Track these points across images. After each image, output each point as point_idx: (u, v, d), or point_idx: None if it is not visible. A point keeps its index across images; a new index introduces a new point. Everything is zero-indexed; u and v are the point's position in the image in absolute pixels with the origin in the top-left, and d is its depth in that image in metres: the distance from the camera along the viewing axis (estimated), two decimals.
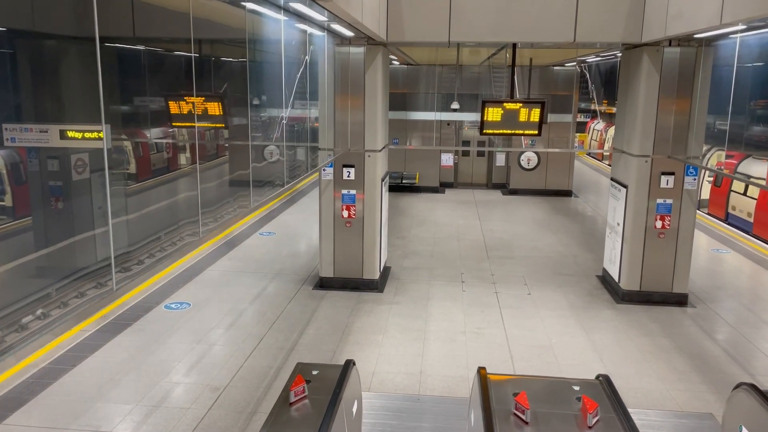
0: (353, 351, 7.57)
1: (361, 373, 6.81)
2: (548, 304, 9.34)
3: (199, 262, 11.05)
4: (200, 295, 9.37)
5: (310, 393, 4.80)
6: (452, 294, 9.70)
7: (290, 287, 9.85)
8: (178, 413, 6.06)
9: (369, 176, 9.52)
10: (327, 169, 9.49)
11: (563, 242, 13.08)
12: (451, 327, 8.39)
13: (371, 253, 9.75)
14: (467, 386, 6.72)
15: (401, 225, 14.31)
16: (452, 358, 7.45)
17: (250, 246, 12.31)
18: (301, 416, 4.60)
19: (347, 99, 9.27)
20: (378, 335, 8.08)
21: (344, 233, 9.73)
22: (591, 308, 9.25)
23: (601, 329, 8.46)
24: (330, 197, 9.64)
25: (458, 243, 12.83)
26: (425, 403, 6.40)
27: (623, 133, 9.64)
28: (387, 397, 6.50)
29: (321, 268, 9.93)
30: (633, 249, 9.35)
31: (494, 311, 9.02)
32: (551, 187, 18.57)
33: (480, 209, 16.33)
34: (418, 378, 6.94)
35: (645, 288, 9.43)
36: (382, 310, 8.96)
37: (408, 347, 7.73)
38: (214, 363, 7.16)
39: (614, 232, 9.87)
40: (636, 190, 9.21)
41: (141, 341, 7.67)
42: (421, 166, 18.86)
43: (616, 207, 9.82)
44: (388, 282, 10.24)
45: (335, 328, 8.30)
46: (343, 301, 9.32)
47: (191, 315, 8.58)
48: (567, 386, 5.00)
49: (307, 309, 8.94)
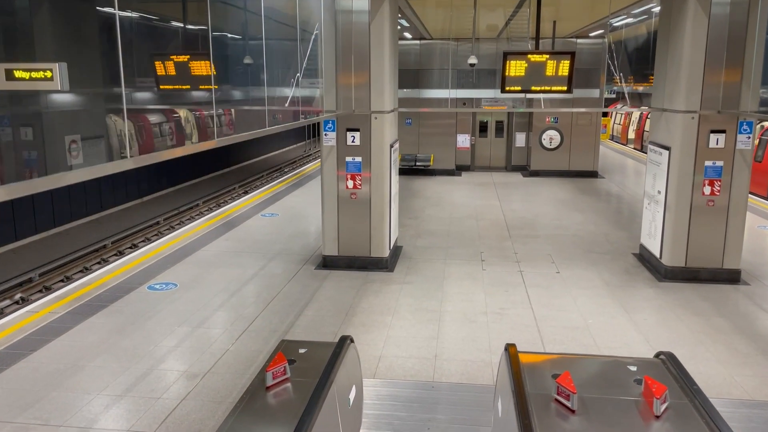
0: (357, 333, 6.55)
1: (366, 357, 5.79)
2: (580, 282, 8.24)
3: (192, 242, 10.09)
4: (189, 276, 8.41)
5: (293, 375, 3.79)
6: (471, 273, 8.64)
7: (290, 267, 8.85)
8: (144, 404, 5.08)
9: (376, 141, 8.49)
10: (328, 133, 8.47)
11: (592, 221, 11.94)
12: (470, 307, 7.33)
13: (380, 229, 8.71)
14: (490, 372, 5.67)
15: (414, 206, 13.26)
16: (472, 341, 6.40)
17: (250, 227, 11.34)
18: (279, 403, 3.58)
19: (350, 54, 8.24)
20: (386, 316, 7.05)
21: (349, 206, 8.71)
22: (629, 287, 8.13)
23: (644, 309, 7.35)
24: (332, 165, 8.62)
25: (477, 222, 11.75)
26: (441, 391, 5.36)
27: (664, 89, 8.49)
28: (395, 385, 5.47)
29: (324, 246, 8.92)
30: (677, 220, 8.21)
31: (519, 290, 7.94)
32: (575, 168, 17.39)
33: (499, 190, 15.23)
34: (432, 363, 5.90)
35: (691, 264, 8.28)
36: (391, 290, 7.92)
37: (421, 329, 6.69)
38: (196, 347, 6.18)
39: (654, 202, 8.73)
40: (680, 151, 8.07)
41: (115, 324, 6.71)
42: (436, 149, 17.78)
43: (656, 173, 8.68)
44: (399, 261, 9.20)
45: (338, 309, 7.29)
46: (348, 281, 8.30)
47: (177, 296, 7.61)
48: (620, 366, 3.94)
49: (307, 289, 7.94)
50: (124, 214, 16.25)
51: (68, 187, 14.45)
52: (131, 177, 17.24)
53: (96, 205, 15.67)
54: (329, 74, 8.27)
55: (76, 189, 14.72)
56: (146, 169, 17.90)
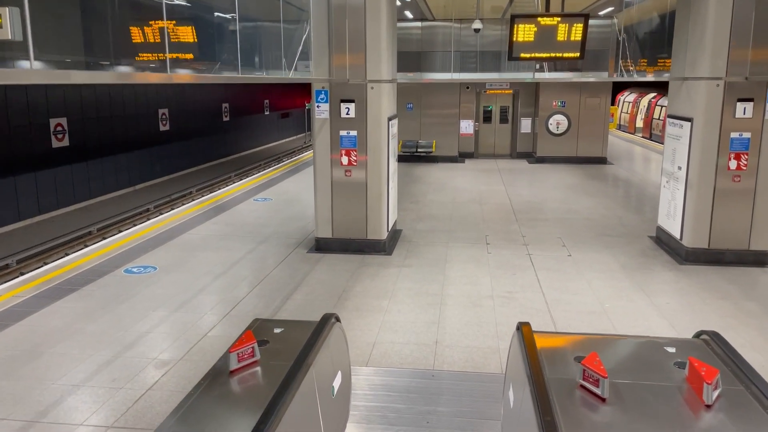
0: (350, 318, 5.92)
1: (359, 343, 5.16)
2: (594, 266, 7.59)
3: (178, 226, 9.47)
4: (171, 259, 7.79)
5: (264, 358, 3.16)
6: (475, 256, 7.99)
7: (281, 251, 8.22)
8: (104, 395, 4.46)
9: (373, 113, 7.84)
10: (321, 105, 7.82)
11: (603, 205, 11.28)
12: (474, 291, 6.70)
13: (377, 209, 8.07)
14: (498, 359, 5.03)
15: (415, 191, 12.62)
16: (477, 326, 5.76)
17: (241, 211, 10.71)
18: (243, 390, 2.95)
19: (344, 17, 7.58)
20: (383, 300, 6.42)
21: (344, 185, 8.07)
22: (648, 270, 7.48)
23: (666, 292, 6.70)
24: (326, 140, 7.97)
25: (481, 207, 11.10)
26: (442, 380, 4.72)
27: (685, 56, 7.81)
28: (391, 373, 4.83)
29: (317, 228, 8.28)
30: (700, 197, 7.55)
31: (528, 274, 7.30)
32: (583, 154, 16.71)
33: (504, 176, 14.57)
34: (432, 349, 5.26)
35: (715, 245, 7.62)
36: (389, 274, 7.29)
37: (420, 314, 6.06)
38: (169, 333, 5.56)
39: (673, 179, 8.07)
40: (704, 122, 7.41)
41: (84, 308, 6.09)
42: (438, 135, 17.12)
43: (675, 148, 8.01)
44: (397, 245, 8.57)
45: (330, 292, 6.66)
46: (342, 264, 7.67)
47: (155, 279, 6.99)
48: (655, 347, 3.30)
49: (297, 273, 7.31)
50: (114, 202, 15.64)
51: (54, 175, 13.87)
52: (122, 165, 16.64)
53: (84, 193, 15.06)
54: (320, 38, 7.62)
55: (62, 177, 14.13)
56: (138, 158, 17.31)
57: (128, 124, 16.84)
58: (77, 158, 14.66)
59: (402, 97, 16.88)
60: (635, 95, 26.29)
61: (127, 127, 16.78)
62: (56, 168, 13.92)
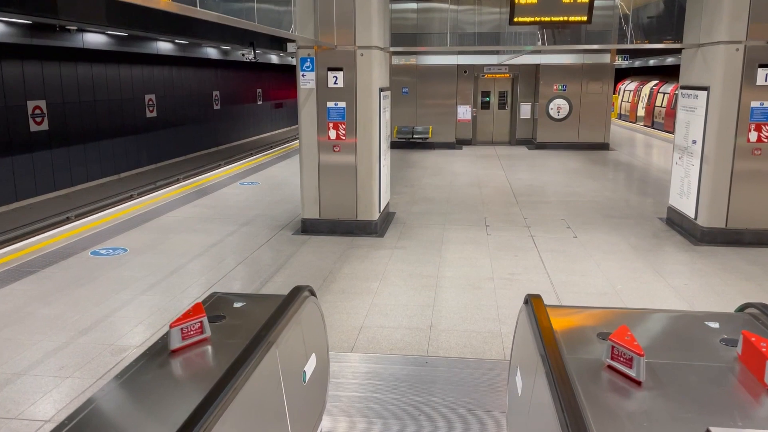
0: (335, 301, 5.33)
1: (344, 328, 4.58)
2: (602, 247, 7.01)
3: (156, 209, 8.86)
4: (143, 241, 7.18)
5: (217, 335, 2.58)
6: (474, 238, 7.41)
7: (264, 233, 7.63)
8: (47, 384, 3.86)
9: (363, 83, 7.24)
10: (306, 73, 7.21)
11: (608, 188, 10.70)
12: (474, 273, 6.11)
13: (367, 187, 7.48)
14: (500, 344, 4.45)
15: (411, 176, 12.02)
16: (477, 309, 5.17)
17: (226, 194, 10.11)
18: (185, 374, 2.36)
19: None
20: (372, 282, 5.83)
21: (332, 161, 7.47)
22: (661, 251, 6.90)
23: (682, 273, 6.12)
24: (311, 113, 7.37)
25: (480, 190, 10.51)
26: (437, 367, 4.14)
27: (700, 22, 7.22)
28: (378, 360, 4.25)
29: (303, 209, 7.69)
30: (717, 173, 6.97)
31: (531, 255, 6.71)
32: (585, 140, 16.12)
33: (503, 161, 13.97)
34: (426, 334, 4.67)
35: (733, 225, 7.05)
36: (380, 256, 6.70)
37: (413, 296, 5.47)
38: (132, 317, 4.96)
39: (687, 154, 7.49)
40: (722, 91, 6.82)
41: (40, 291, 5.49)
42: (435, 121, 16.52)
43: (690, 121, 7.43)
44: (390, 227, 7.98)
45: (314, 274, 6.06)
46: (329, 246, 7.08)
47: (123, 261, 6.39)
48: (695, 322, 2.73)
49: (280, 255, 6.72)
50: (98, 191, 15.01)
51: (32, 160, 13.24)
52: (106, 152, 16.01)
53: (65, 180, 14.43)
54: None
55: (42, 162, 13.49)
56: (123, 145, 16.67)
57: (113, 109, 16.20)
58: (57, 143, 14.03)
59: (397, 81, 16.29)
60: (636, 83, 25.72)
61: (111, 112, 16.14)
62: (35, 153, 13.29)
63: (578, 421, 1.89)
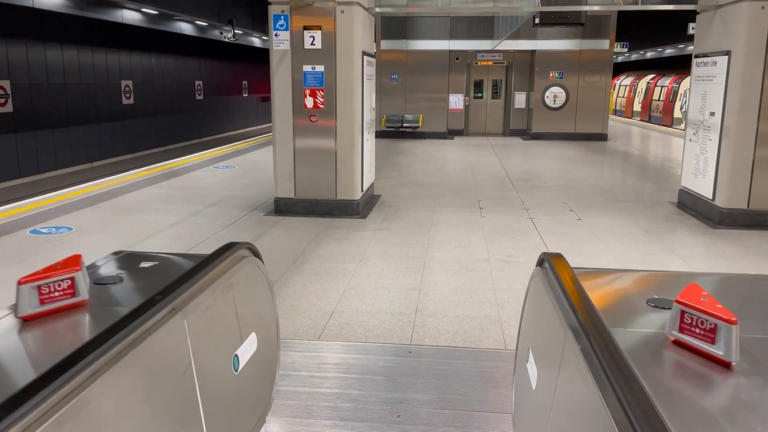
0: (304, 283, 4.53)
1: (311, 312, 3.79)
2: (611, 229, 6.26)
3: (116, 189, 8.02)
4: (93, 220, 6.35)
5: (99, 300, 1.78)
6: (467, 220, 6.63)
7: (232, 213, 6.82)
8: None
9: (343, 45, 6.45)
10: (279, 33, 6.41)
11: (609, 174, 9.99)
12: (467, 254, 5.33)
13: (348, 163, 6.69)
14: (499, 331, 3.67)
15: (399, 162, 11.24)
16: (471, 292, 4.39)
17: (196, 176, 9.28)
18: (34, 357, 1.55)
19: None
20: (350, 263, 5.03)
21: (309, 133, 6.67)
22: (677, 234, 6.16)
23: (705, 256, 5.37)
24: (286, 78, 6.57)
25: (473, 175, 9.74)
26: (422, 357, 3.34)
27: None
28: (351, 349, 3.45)
29: (276, 187, 6.88)
30: (738, 147, 6.24)
31: (531, 237, 5.95)
32: (582, 130, 15.40)
33: (498, 150, 13.22)
34: (410, 319, 3.88)
35: (755, 206, 6.31)
36: (361, 237, 5.91)
37: (397, 278, 4.68)
38: None
39: (703, 128, 6.75)
40: (745, 54, 6.09)
41: None
42: (426, 110, 15.75)
43: (707, 91, 6.70)
44: (375, 209, 7.19)
45: (283, 255, 5.26)
46: (304, 226, 6.28)
47: (65, 240, 5.56)
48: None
49: (246, 235, 5.91)
50: (67, 179, 14.09)
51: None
52: (78, 139, 15.10)
53: (32, 167, 13.52)
54: None
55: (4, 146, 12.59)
56: (97, 132, 15.78)
57: (85, 93, 15.30)
58: (22, 127, 13.12)
59: (387, 68, 15.52)
60: (632, 78, 25.10)
61: (84, 97, 15.23)
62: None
63: (653, 420, 1.11)
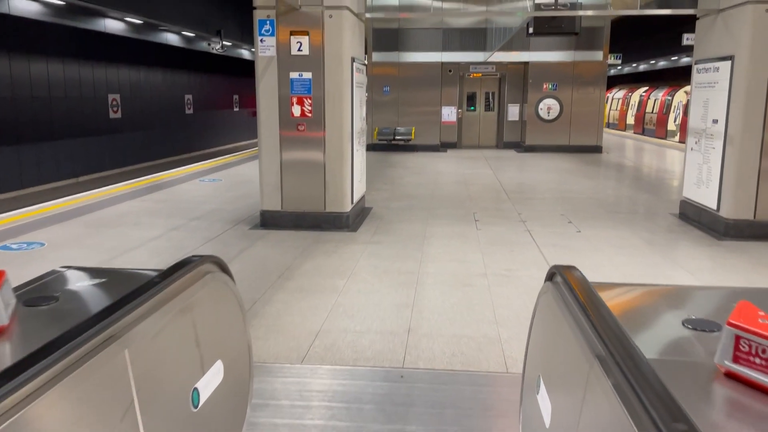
0: (288, 300, 4.22)
1: (295, 333, 3.47)
2: (612, 242, 5.98)
3: (95, 203, 7.69)
4: (68, 236, 6.03)
5: (24, 326, 1.45)
6: (462, 233, 6.35)
7: (215, 227, 6.50)
8: None
9: (332, 51, 6.19)
10: (265, 38, 6.15)
11: (607, 186, 9.76)
12: (462, 269, 5.03)
13: (338, 174, 6.40)
14: (499, 352, 3.37)
15: (392, 174, 10.98)
16: (468, 309, 4.09)
17: (181, 189, 8.97)
18: None
19: None
20: (338, 279, 4.72)
21: (296, 143, 6.38)
22: (681, 246, 5.90)
23: (713, 269, 5.10)
24: (272, 86, 6.29)
25: (467, 187, 9.48)
26: (415, 382, 3.03)
27: None
28: (337, 374, 3.13)
29: (262, 199, 6.58)
30: (743, 155, 6.00)
31: (529, 250, 5.66)
32: (576, 142, 15.20)
33: (492, 162, 12.98)
34: (403, 339, 3.57)
35: (762, 216, 6.06)
36: (351, 251, 5.60)
37: (388, 294, 4.37)
38: None
39: (706, 137, 6.52)
40: (749, 58, 5.87)
41: None
42: (418, 122, 15.52)
43: (709, 98, 6.47)
44: (365, 221, 6.89)
45: (268, 271, 4.95)
46: (291, 240, 5.97)
47: (36, 256, 5.22)
48: None
49: (230, 249, 5.59)
50: (52, 194, 13.74)
51: None
52: (64, 153, 14.77)
53: (14, 182, 13.17)
54: None
55: None
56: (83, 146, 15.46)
57: (71, 107, 15.00)
58: (4, 141, 12.79)
59: (378, 81, 15.32)
60: (624, 91, 25.05)
61: (70, 111, 14.93)
62: None
63: None
